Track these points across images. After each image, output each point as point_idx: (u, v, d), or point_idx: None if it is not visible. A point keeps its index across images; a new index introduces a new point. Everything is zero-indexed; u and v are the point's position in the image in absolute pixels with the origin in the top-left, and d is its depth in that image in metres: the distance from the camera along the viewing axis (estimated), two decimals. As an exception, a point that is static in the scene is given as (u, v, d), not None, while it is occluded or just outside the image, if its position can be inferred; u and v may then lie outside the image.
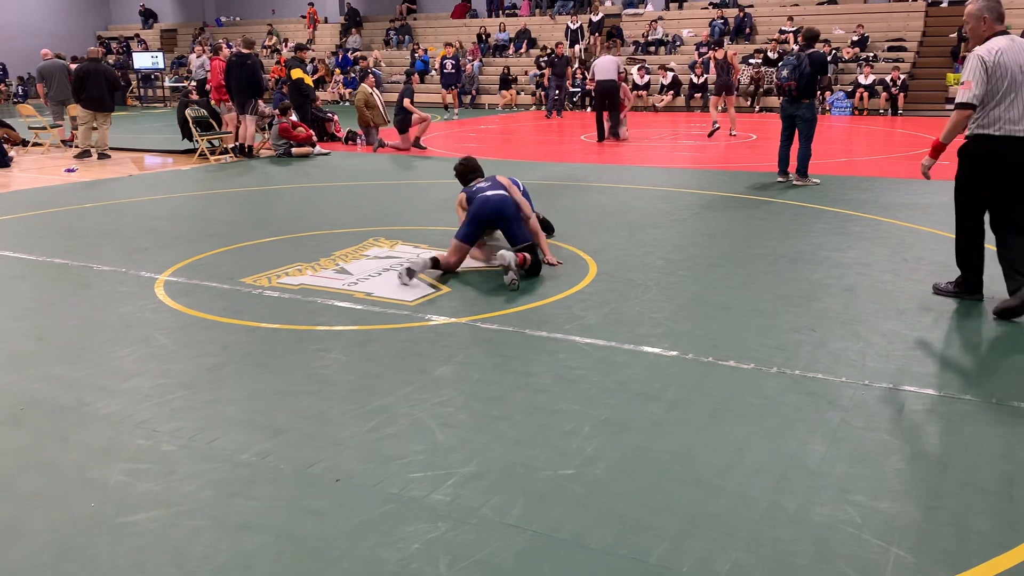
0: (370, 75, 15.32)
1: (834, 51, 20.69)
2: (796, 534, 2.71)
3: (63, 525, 2.82)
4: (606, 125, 14.58)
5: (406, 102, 13.61)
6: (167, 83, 27.29)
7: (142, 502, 2.95)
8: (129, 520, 2.83)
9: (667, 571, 2.52)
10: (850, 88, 19.60)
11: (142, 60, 26.55)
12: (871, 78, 19.28)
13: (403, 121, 13.68)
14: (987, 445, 3.30)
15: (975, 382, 3.94)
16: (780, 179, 9.78)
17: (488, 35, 26.16)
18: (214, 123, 13.44)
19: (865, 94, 19.14)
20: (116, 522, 2.82)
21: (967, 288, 5.16)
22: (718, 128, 14.67)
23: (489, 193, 5.98)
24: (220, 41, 20.70)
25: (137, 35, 31.66)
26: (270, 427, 3.52)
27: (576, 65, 23.01)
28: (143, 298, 5.43)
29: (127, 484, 3.07)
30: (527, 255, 5.66)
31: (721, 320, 4.86)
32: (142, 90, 27.33)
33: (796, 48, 9.70)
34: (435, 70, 25.78)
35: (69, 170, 11.71)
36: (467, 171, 6.61)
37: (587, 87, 22.04)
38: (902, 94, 18.89)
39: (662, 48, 23.61)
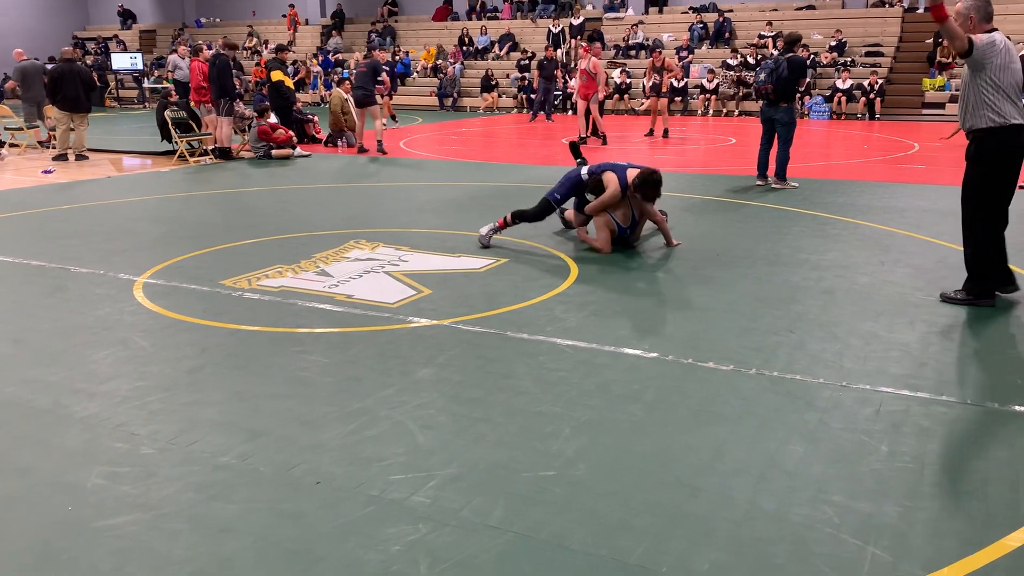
0: (346, 81, 15.26)
1: (812, 56, 20.87)
2: (774, 534, 2.73)
3: (40, 529, 2.79)
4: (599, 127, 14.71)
5: (384, 76, 13.72)
6: (146, 84, 27.06)
7: (120, 505, 2.92)
8: (107, 524, 2.81)
9: (647, 571, 2.54)
10: (828, 92, 19.79)
11: (120, 61, 26.32)
12: (849, 83, 19.48)
13: (367, 97, 13.37)
14: (962, 445, 3.35)
15: (951, 383, 3.99)
16: (759, 182, 9.85)
17: (470, 39, 26.18)
18: (194, 125, 13.35)
19: (843, 98, 19.34)
20: (94, 526, 2.80)
21: (981, 293, 5.06)
22: (659, 131, 15.43)
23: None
24: (200, 42, 20.56)
25: (116, 36, 31.39)
26: (250, 430, 3.51)
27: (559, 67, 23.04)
28: (121, 300, 5.39)
29: (105, 487, 3.05)
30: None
31: (701, 322, 4.89)
32: (119, 91, 27.08)
33: (776, 52, 9.78)
34: (416, 73, 25.77)
35: (46, 171, 11.59)
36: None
37: (569, 91, 22.13)
38: (879, 99, 19.09)
39: (643, 52, 23.71)
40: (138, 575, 2.54)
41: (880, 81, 19.27)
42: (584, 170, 6.81)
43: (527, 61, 23.50)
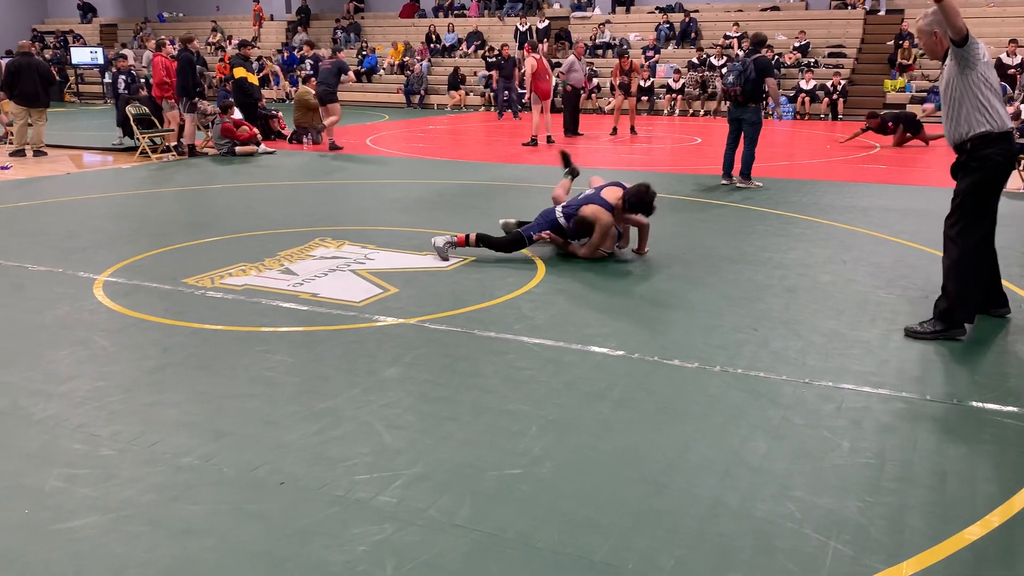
0: (312, 78, 15.14)
1: (777, 56, 21.11)
2: (738, 529, 2.76)
3: (-5, 533, 2.73)
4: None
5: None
6: (107, 79, 26.59)
7: (79, 508, 2.87)
8: (65, 527, 2.76)
9: (613, 568, 2.54)
10: (792, 93, 20.01)
11: (80, 55, 25.81)
12: (812, 83, 19.72)
13: (329, 94, 13.34)
14: (921, 441, 3.40)
15: (911, 380, 4.05)
16: (724, 182, 9.94)
17: (437, 36, 26.09)
18: (156, 121, 13.15)
19: (807, 99, 19.57)
20: (52, 529, 2.75)
21: (953, 323, 4.55)
22: (624, 129, 15.80)
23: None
24: (163, 37, 20.29)
25: (72, 30, 30.79)
26: (213, 430, 3.46)
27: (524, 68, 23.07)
28: (81, 299, 5.29)
29: (63, 490, 2.99)
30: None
31: (667, 320, 4.92)
32: (79, 86, 26.59)
33: (741, 53, 9.87)
34: (383, 70, 25.62)
35: (3, 168, 11.35)
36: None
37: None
38: (842, 99, 19.35)
39: (609, 51, 23.80)
40: (97, 579, 2.49)
41: (843, 82, 19.54)
42: (559, 211, 6.28)
43: (494, 59, 23.48)
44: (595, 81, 22.06)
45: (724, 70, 9.71)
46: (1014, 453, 3.30)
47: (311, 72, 19.07)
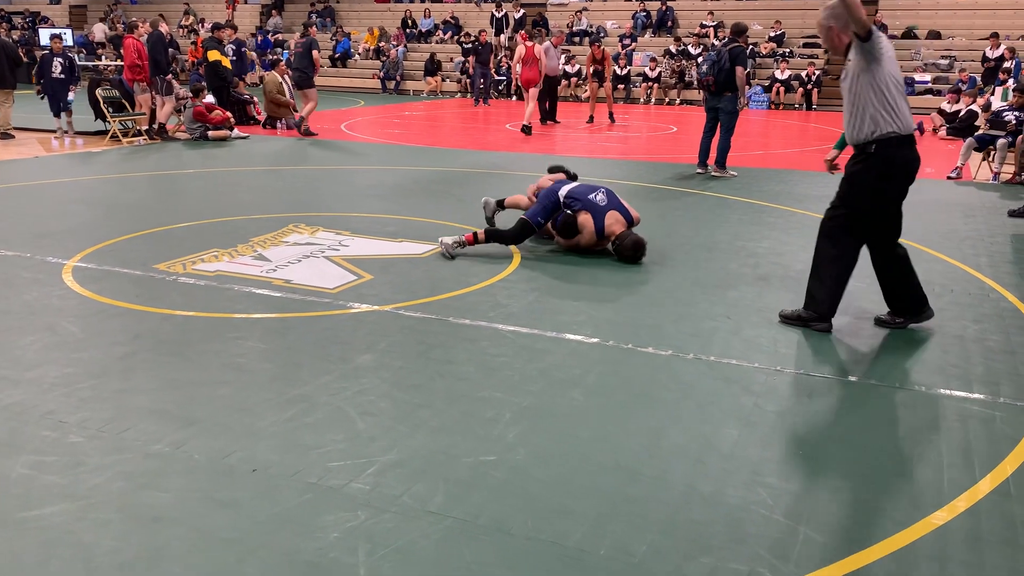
0: (281, 62, 14.96)
1: (752, 46, 21.20)
2: (710, 516, 2.78)
3: (-40, 521, 2.69)
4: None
5: (315, 54, 13.01)
6: (80, 61, 26.11)
7: (47, 495, 2.83)
8: (32, 515, 2.72)
9: (585, 555, 2.56)
10: (767, 83, 20.12)
11: (49, 37, 25.32)
12: (787, 73, 19.83)
13: (305, 78, 13.03)
14: (891, 427, 3.45)
15: (881, 368, 4.10)
16: (699, 171, 9.98)
17: (414, 21, 25.90)
18: (127, 104, 12.95)
19: (781, 89, 19.68)
20: (18, 517, 2.71)
21: (822, 316, 4.51)
22: (600, 117, 15.97)
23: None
24: (135, 19, 19.96)
25: (40, 12, 30.21)
26: (184, 417, 3.43)
27: (501, 54, 22.99)
28: (49, 284, 5.21)
29: (31, 477, 2.95)
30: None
31: (641, 308, 4.94)
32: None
33: (718, 43, 9.89)
34: (359, 55, 25.41)
35: (-31, 150, 11.11)
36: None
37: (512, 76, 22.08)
38: (816, 89, 19.48)
39: (586, 39, 23.77)
40: (65, 567, 2.46)
41: (817, 72, 19.67)
42: (563, 192, 6.08)
43: (471, 45, 23.36)
44: (572, 69, 22.01)
45: (700, 59, 9.73)
46: (980, 439, 3.35)
47: (285, 56, 18.88)
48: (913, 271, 4.52)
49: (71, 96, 13.00)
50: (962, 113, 14.04)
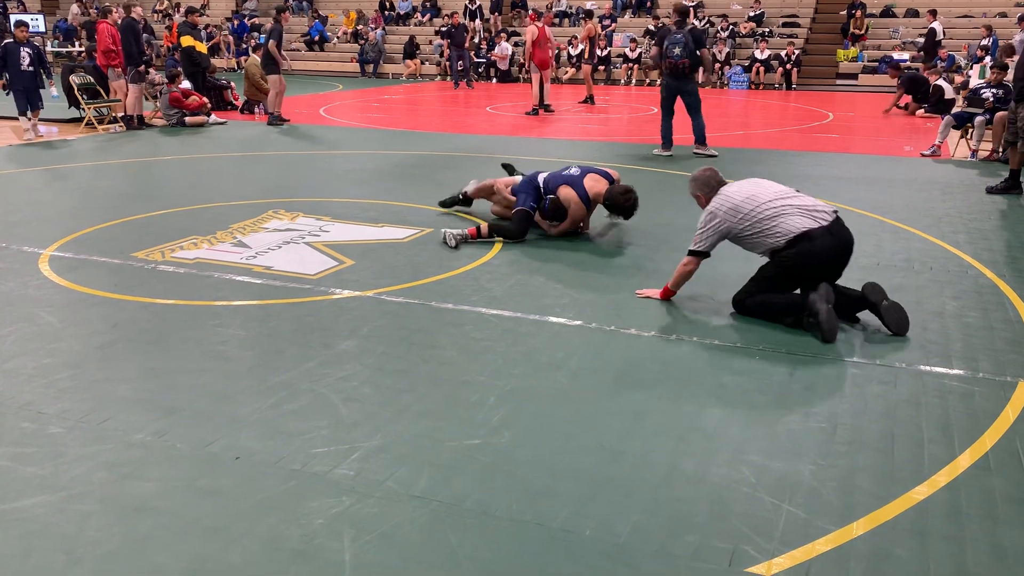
0: (262, 47, 14.75)
1: (732, 26, 21.21)
2: (694, 494, 2.80)
3: (-61, 515, 2.66)
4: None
5: (271, 44, 12.43)
6: (49, 47, 25.72)
7: (27, 487, 2.81)
8: (12, 507, 2.70)
9: (570, 535, 2.56)
10: (747, 63, 20.12)
11: (14, 24, 24.86)
12: (767, 53, 19.84)
13: (269, 64, 12.62)
14: (870, 404, 3.48)
15: (860, 346, 4.13)
16: (666, 152, 9.96)
17: (392, 3, 25.66)
18: (101, 90, 12.77)
19: (761, 69, 19.70)
20: (-2, 509, 2.68)
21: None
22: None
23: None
24: (108, 3, 19.65)
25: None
26: (165, 406, 3.40)
27: (479, 37, 22.84)
28: (25, 274, 5.14)
29: (10, 469, 2.92)
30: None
31: (623, 289, 4.94)
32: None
33: (673, 26, 9.87)
34: (336, 38, 25.17)
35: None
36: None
37: (492, 58, 21.97)
38: (795, 69, 19.51)
39: (566, 20, 23.65)
40: (46, 559, 2.44)
41: (796, 52, 19.69)
42: (541, 179, 6.08)
43: (446, 28, 23.19)
44: (575, 51, 21.89)
45: (666, 43, 9.72)
46: (959, 415, 3.38)
47: (262, 40, 18.64)
48: (838, 288, 4.44)
49: (54, 92, 12.47)
50: (930, 90, 14.12)
